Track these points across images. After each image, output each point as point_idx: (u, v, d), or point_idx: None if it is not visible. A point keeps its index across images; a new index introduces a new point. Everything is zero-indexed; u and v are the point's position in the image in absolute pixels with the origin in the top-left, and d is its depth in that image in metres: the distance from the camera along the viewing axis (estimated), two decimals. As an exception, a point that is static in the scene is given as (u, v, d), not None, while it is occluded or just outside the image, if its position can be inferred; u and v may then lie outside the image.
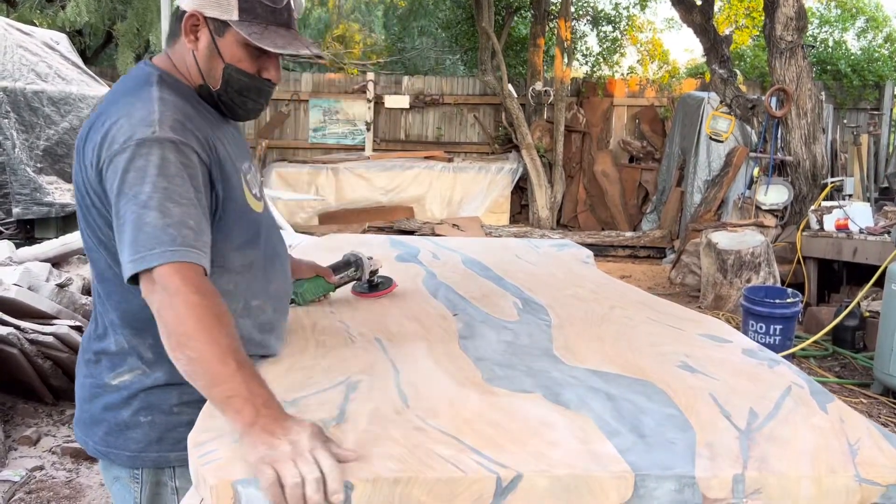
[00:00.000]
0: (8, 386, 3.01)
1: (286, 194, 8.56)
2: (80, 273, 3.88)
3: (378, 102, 10.45)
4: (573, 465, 1.01)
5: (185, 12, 1.32)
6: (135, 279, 1.17)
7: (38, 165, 4.60)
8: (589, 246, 8.48)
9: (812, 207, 5.49)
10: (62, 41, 4.99)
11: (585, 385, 1.33)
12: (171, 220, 1.16)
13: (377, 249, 2.70)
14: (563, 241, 3.06)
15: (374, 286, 2.01)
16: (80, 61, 5.07)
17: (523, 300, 1.99)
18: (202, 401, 1.16)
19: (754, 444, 1.10)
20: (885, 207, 5.07)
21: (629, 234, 8.66)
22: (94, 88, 5.12)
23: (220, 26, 1.31)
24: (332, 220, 9.55)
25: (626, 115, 10.43)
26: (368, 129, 10.43)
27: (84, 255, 4.53)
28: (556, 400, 1.25)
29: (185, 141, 1.24)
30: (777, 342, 4.31)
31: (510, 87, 9.87)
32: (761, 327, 4.32)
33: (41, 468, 2.70)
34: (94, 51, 11.89)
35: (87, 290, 3.67)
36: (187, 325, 1.11)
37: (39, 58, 4.50)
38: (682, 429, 1.14)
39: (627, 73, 10.65)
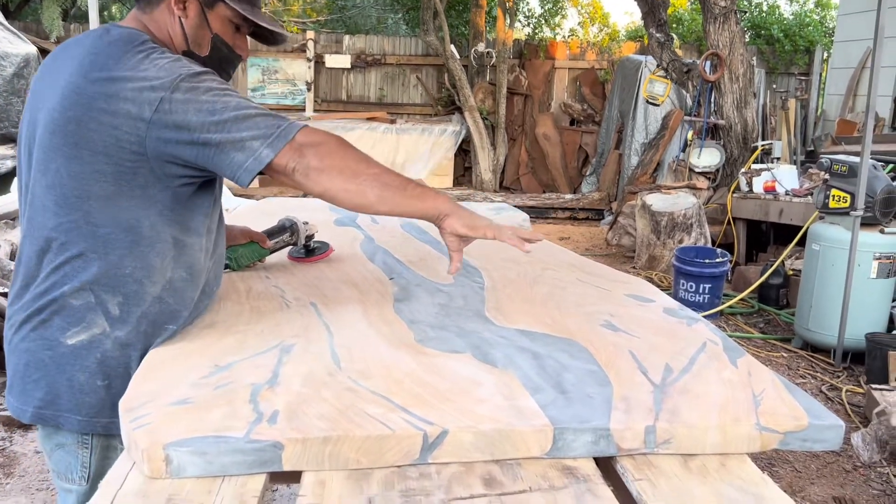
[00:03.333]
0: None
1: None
2: (8, 238, 3.76)
3: (318, 62, 10.27)
4: (497, 420, 1.06)
5: None
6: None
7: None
8: (530, 208, 8.63)
9: (742, 170, 5.67)
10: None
11: (514, 345, 1.38)
12: (264, 111, 1.27)
13: (316, 213, 2.71)
14: (501, 205, 3.11)
15: (311, 251, 2.03)
16: (1, 17, 4.83)
17: (458, 263, 2.03)
18: None
19: (667, 397, 1.17)
20: (811, 170, 5.28)
21: (569, 196, 8.80)
22: (17, 46, 4.89)
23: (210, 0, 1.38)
24: (272, 181, 9.41)
25: (567, 77, 10.50)
26: (309, 90, 10.26)
27: (11, 220, 4.38)
28: (484, 359, 1.30)
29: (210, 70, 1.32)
30: (706, 300, 4.48)
31: (453, 48, 9.81)
32: (691, 286, 4.49)
33: (-15, 440, 2.66)
34: (18, 5, 11.32)
35: (12, 256, 3.57)
36: (357, 156, 1.30)
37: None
38: (601, 384, 1.21)
39: (569, 36, 10.70)
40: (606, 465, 1.09)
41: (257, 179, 9.47)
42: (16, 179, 1.84)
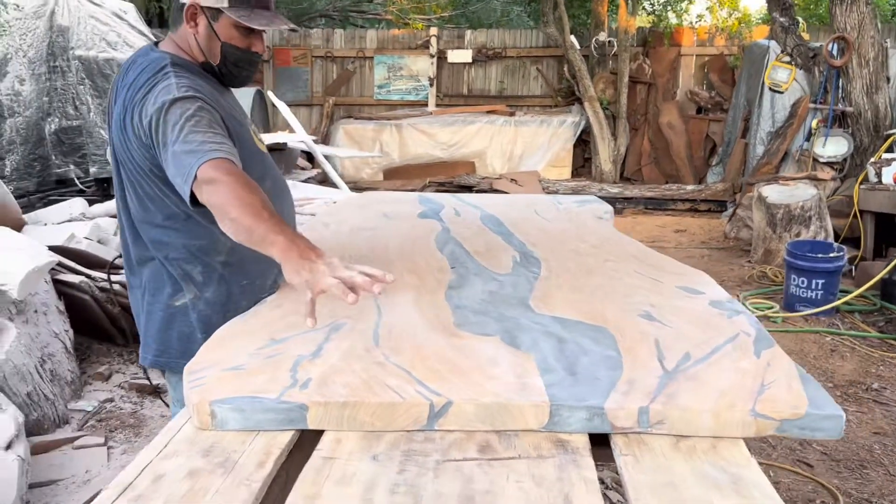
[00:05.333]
0: (85, 329, 3.37)
1: (342, 151, 8.81)
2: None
3: (441, 57, 10.52)
4: (499, 395, 1.18)
5: (184, 4, 1.61)
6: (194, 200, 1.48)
7: (113, 127, 4.93)
8: (647, 200, 8.48)
9: (871, 160, 5.34)
10: (130, 10, 5.33)
11: (544, 330, 1.48)
12: (196, 144, 1.47)
13: (406, 206, 2.89)
14: (587, 198, 3.15)
15: None
16: (146, 30, 5.39)
17: (523, 254, 2.13)
18: None
19: (672, 382, 1.24)
20: (951, 159, 4.90)
21: (690, 187, 8.55)
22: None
23: (214, 13, 1.60)
24: (396, 175, 9.77)
25: (694, 64, 10.17)
26: (431, 85, 10.53)
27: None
28: (511, 342, 1.41)
29: (197, 96, 1.54)
30: (819, 297, 4.30)
31: (573, 38, 9.76)
32: (803, 281, 4.31)
33: (111, 400, 3.05)
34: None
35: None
36: (225, 200, 1.42)
37: (109, 27, 4.84)
38: (612, 368, 1.29)
39: (696, 21, 10.34)
40: (608, 443, 1.18)
41: (381, 173, 9.87)
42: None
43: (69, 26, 4.37)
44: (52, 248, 3.10)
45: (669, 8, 10.24)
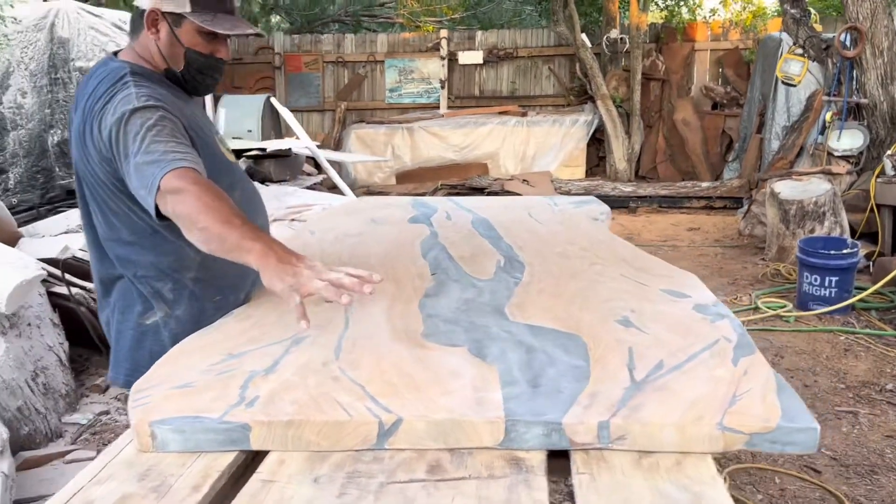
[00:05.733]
0: (82, 340, 3.36)
1: (347, 156, 8.79)
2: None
3: (452, 59, 10.47)
4: (453, 411, 1.12)
5: (145, 10, 1.56)
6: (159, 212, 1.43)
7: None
8: (662, 198, 8.35)
9: (888, 152, 5.19)
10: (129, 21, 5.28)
11: (514, 339, 1.42)
12: (158, 154, 1.42)
13: (397, 211, 2.84)
14: (585, 198, 3.08)
15: None
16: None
17: (508, 258, 2.08)
18: None
19: (639, 394, 1.17)
20: (970, 150, 4.75)
21: (706, 184, 8.41)
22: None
23: (176, 18, 1.55)
24: (408, 178, 9.73)
25: (708, 59, 10.01)
26: (443, 87, 10.48)
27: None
28: (478, 353, 1.36)
29: (158, 105, 1.50)
30: (832, 294, 4.18)
31: (584, 36, 9.66)
32: (815, 279, 4.19)
33: (107, 412, 3.04)
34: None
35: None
36: (193, 209, 1.36)
37: (109, 38, 4.85)
38: (578, 379, 1.23)
39: (709, 16, 10.19)
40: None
41: (394, 176, 9.84)
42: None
43: (69, 38, 4.39)
44: (47, 261, 3.10)
45: (682, 3, 10.09)
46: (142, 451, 1.11)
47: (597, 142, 9.93)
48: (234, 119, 7.61)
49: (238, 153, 6.60)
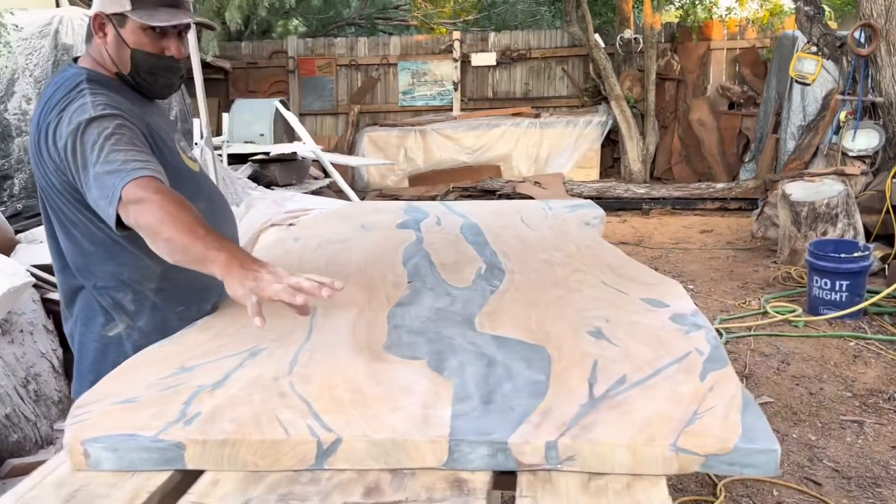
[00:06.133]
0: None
1: (353, 160, 8.78)
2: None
3: (465, 61, 10.43)
4: (395, 430, 1.08)
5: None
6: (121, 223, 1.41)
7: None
8: (676, 199, 8.24)
9: (904, 152, 5.06)
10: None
11: (477, 351, 1.38)
12: (118, 163, 1.40)
13: (387, 216, 2.80)
14: (580, 202, 3.02)
15: None
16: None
17: (490, 266, 2.03)
18: None
19: (593, 412, 1.12)
20: None
21: (720, 185, 8.29)
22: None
23: (120, 19, 1.52)
24: (421, 181, 9.71)
25: (724, 58, 9.89)
26: (456, 89, 10.44)
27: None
28: (436, 367, 1.31)
29: (116, 113, 1.47)
30: (843, 299, 4.07)
31: (597, 36, 9.58)
32: (825, 283, 4.09)
33: (100, 420, 3.02)
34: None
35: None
36: (156, 219, 1.35)
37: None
38: (533, 396, 1.18)
39: (725, 14, 10.05)
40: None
41: (406, 179, 9.81)
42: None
43: (73, 44, 4.40)
44: (43, 267, 3.10)
45: (698, 2, 9.95)
46: (76, 471, 1.07)
47: (611, 143, 9.83)
48: (246, 123, 7.62)
49: (244, 157, 6.61)
